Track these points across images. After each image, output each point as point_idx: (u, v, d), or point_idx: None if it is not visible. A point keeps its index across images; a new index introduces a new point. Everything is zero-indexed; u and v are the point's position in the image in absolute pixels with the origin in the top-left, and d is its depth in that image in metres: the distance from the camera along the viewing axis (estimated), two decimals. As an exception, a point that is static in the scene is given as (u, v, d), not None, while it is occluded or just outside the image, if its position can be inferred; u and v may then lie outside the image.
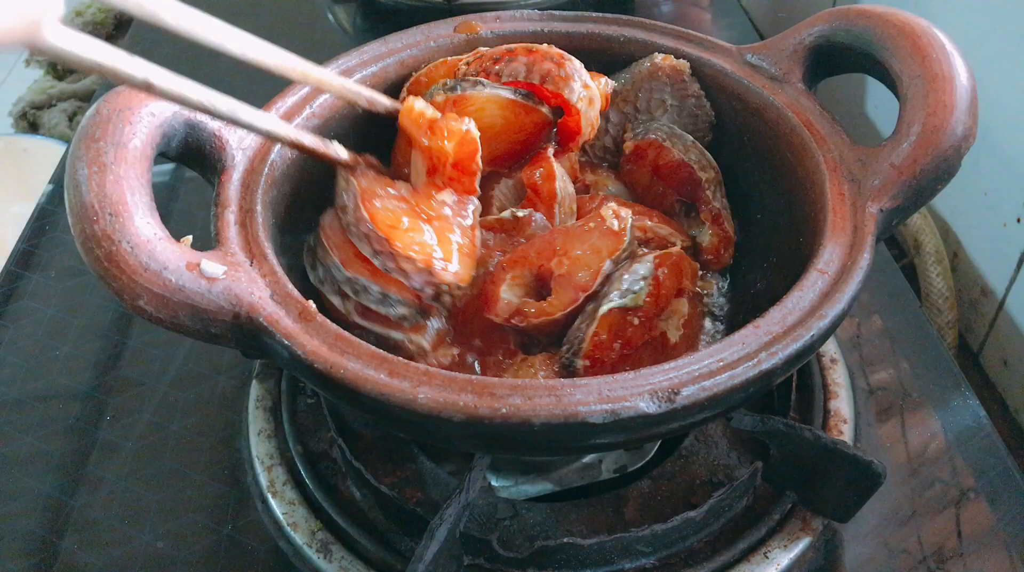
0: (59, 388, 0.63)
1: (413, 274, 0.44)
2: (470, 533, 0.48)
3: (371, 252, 0.45)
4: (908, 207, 0.46)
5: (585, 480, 0.55)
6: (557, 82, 0.51)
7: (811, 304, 0.41)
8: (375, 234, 0.44)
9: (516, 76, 0.51)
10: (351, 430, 0.56)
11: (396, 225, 0.45)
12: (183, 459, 0.58)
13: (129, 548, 0.53)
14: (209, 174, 0.47)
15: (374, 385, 0.37)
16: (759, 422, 0.49)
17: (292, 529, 0.53)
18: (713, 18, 1.08)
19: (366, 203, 0.45)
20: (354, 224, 0.45)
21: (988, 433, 0.58)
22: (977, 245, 0.78)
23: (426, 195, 0.48)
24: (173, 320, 0.39)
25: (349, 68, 0.56)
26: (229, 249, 0.42)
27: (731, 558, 0.50)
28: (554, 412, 0.36)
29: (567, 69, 0.51)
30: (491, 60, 0.52)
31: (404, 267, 0.44)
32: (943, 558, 0.51)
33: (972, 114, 0.45)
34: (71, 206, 0.38)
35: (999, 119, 0.73)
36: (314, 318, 0.40)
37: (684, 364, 0.39)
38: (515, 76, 0.51)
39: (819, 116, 0.51)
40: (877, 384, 0.61)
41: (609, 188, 0.58)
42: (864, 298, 0.67)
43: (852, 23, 0.50)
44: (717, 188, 0.55)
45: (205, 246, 0.42)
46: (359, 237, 0.45)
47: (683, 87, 0.57)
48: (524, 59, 0.51)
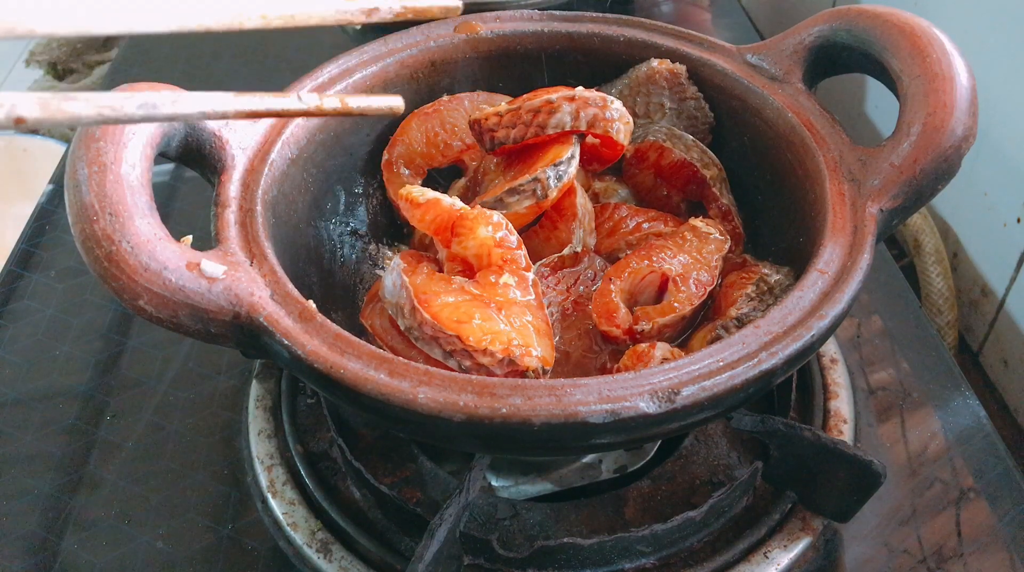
0: (59, 388, 0.63)
1: (494, 368, 0.42)
2: (470, 533, 0.48)
3: (443, 354, 0.42)
4: (908, 207, 0.46)
5: (585, 480, 0.55)
6: (605, 125, 0.51)
7: (811, 304, 0.41)
8: (443, 334, 0.42)
9: (563, 126, 0.51)
10: (351, 430, 0.56)
11: (464, 320, 0.43)
12: (183, 459, 0.58)
13: (129, 548, 0.53)
14: (209, 174, 0.47)
15: (374, 385, 0.37)
16: (759, 422, 0.49)
17: (292, 529, 0.52)
18: (713, 18, 1.08)
19: (424, 304, 0.43)
20: (416, 329, 0.43)
21: (988, 433, 0.58)
22: (977, 245, 0.78)
23: (488, 284, 0.46)
24: (173, 320, 0.39)
25: (349, 68, 0.56)
26: (229, 249, 0.42)
27: (731, 558, 0.50)
28: (554, 412, 0.36)
29: (611, 111, 0.51)
30: (530, 113, 0.51)
31: (483, 362, 0.42)
32: (943, 558, 0.51)
33: (972, 114, 0.45)
34: (71, 206, 0.38)
35: (999, 119, 0.73)
36: (314, 318, 0.40)
37: (684, 364, 0.39)
38: (562, 126, 0.51)
39: (819, 116, 0.51)
40: (877, 384, 0.61)
41: (619, 194, 0.58)
42: (864, 298, 0.67)
43: (852, 23, 0.50)
44: (723, 184, 0.55)
45: (205, 246, 0.42)
46: (426, 341, 0.43)
47: (681, 90, 0.57)
48: (568, 107, 0.50)
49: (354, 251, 0.57)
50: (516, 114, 0.51)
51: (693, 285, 0.49)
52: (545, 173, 0.49)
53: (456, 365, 0.42)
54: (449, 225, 0.48)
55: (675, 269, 0.50)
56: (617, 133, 0.51)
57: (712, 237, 0.52)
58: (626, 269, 0.50)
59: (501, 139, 0.52)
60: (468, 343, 0.42)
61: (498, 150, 0.53)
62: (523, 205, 0.50)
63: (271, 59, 0.98)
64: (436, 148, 0.58)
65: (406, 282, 0.44)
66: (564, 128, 0.51)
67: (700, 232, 0.52)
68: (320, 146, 0.53)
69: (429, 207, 0.48)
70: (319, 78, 0.55)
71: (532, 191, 0.50)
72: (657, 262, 0.50)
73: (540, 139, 0.52)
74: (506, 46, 0.60)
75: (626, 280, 0.50)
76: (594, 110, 0.50)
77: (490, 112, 0.52)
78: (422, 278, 0.46)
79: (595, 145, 0.53)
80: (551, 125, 0.51)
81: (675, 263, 0.50)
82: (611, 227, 0.55)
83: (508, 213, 0.50)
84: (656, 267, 0.50)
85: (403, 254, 0.50)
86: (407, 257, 0.49)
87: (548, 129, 0.51)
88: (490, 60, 0.60)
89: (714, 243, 0.51)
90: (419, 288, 0.44)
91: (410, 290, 0.44)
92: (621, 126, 0.51)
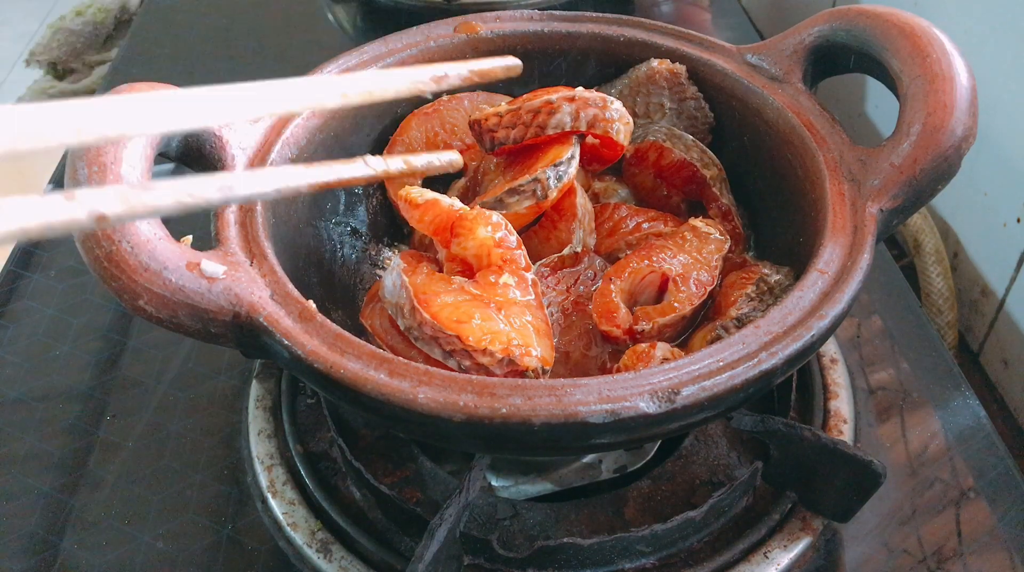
0: (59, 388, 0.63)
1: (493, 367, 0.42)
2: (470, 533, 0.48)
3: (442, 354, 0.42)
4: (908, 207, 0.46)
5: (585, 480, 0.55)
6: (605, 125, 0.51)
7: (811, 304, 0.41)
8: (443, 334, 0.42)
9: (563, 127, 0.51)
10: (351, 430, 0.56)
11: (464, 320, 0.43)
12: (183, 459, 0.58)
13: (129, 548, 0.53)
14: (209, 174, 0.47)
15: (374, 385, 0.37)
16: (759, 422, 0.49)
17: (292, 529, 0.52)
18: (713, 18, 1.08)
19: (424, 304, 0.43)
20: (416, 329, 0.43)
21: (988, 433, 0.58)
22: (977, 245, 0.78)
23: (487, 284, 0.46)
24: (173, 320, 0.39)
25: (349, 68, 0.56)
26: (229, 249, 0.42)
27: (731, 558, 0.50)
28: (554, 412, 0.36)
29: (611, 111, 0.51)
30: (530, 113, 0.51)
31: (482, 362, 0.41)
32: (943, 558, 0.51)
33: (972, 114, 0.45)
34: (71, 206, 0.38)
35: (999, 119, 0.73)
36: (314, 318, 0.40)
37: (684, 364, 0.39)
38: (561, 127, 0.51)
39: (819, 116, 0.51)
40: (877, 384, 0.61)
41: (619, 194, 0.58)
42: (864, 298, 0.67)
43: (852, 23, 0.50)
44: (723, 184, 0.55)
45: (205, 246, 0.42)
46: (426, 341, 0.43)
47: (681, 90, 0.57)
48: (568, 108, 0.50)
49: (354, 251, 0.57)
50: (516, 114, 0.51)
51: (693, 285, 0.49)
52: (545, 173, 0.49)
53: (456, 365, 0.42)
54: (448, 225, 0.48)
55: (675, 269, 0.50)
56: (617, 134, 0.51)
57: (712, 237, 0.52)
58: (626, 269, 0.50)
59: (501, 139, 0.52)
60: (468, 343, 0.42)
61: (498, 150, 0.53)
62: (523, 205, 0.50)
63: (271, 60, 0.98)
64: (436, 148, 0.58)
65: (406, 282, 0.44)
66: (564, 128, 0.51)
67: (700, 232, 0.52)
68: (320, 146, 0.53)
69: (428, 208, 0.48)
70: (319, 78, 0.55)
71: (532, 191, 0.50)
72: (657, 262, 0.50)
73: (540, 139, 0.52)
74: (506, 46, 0.60)
75: (626, 280, 0.50)
76: (594, 110, 0.50)
77: (490, 112, 0.52)
78: (422, 278, 0.46)
79: (595, 145, 0.53)
80: (551, 125, 0.51)
81: (675, 263, 0.50)
82: (611, 227, 0.55)
83: (508, 213, 0.50)
84: (656, 267, 0.50)
85: (403, 254, 0.50)
86: (407, 257, 0.49)
87: (548, 129, 0.51)
88: (490, 60, 0.60)
89: (714, 243, 0.51)
90: (419, 288, 0.44)
91: (410, 290, 0.44)
92: (621, 126, 0.51)
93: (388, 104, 0.58)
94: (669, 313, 0.48)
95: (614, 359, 0.48)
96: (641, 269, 0.50)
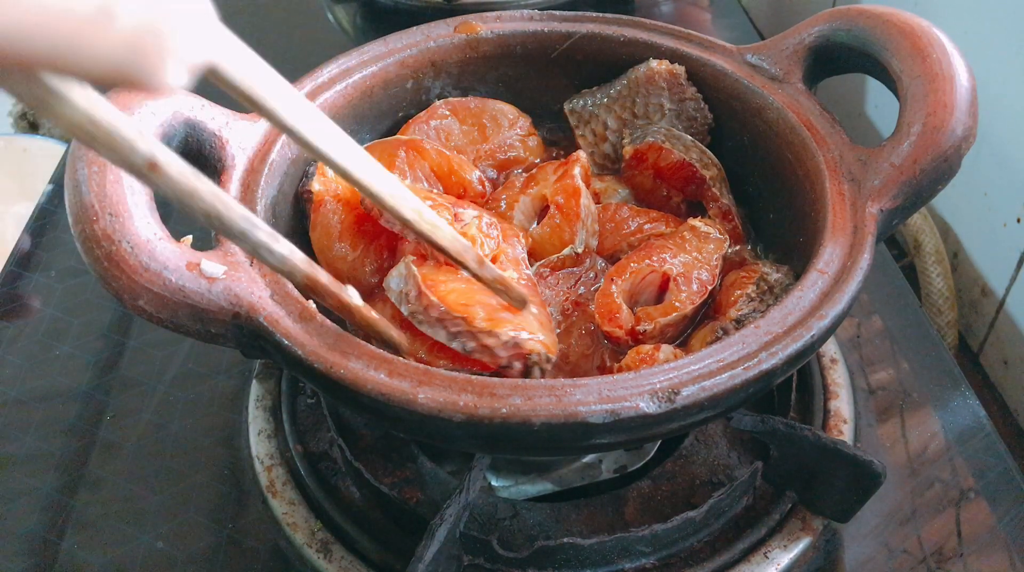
0: (59, 388, 0.63)
1: (498, 349, 0.41)
2: (470, 533, 0.48)
3: (447, 336, 0.42)
4: (908, 207, 0.46)
5: (585, 480, 0.55)
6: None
7: (811, 304, 0.41)
8: (450, 316, 0.42)
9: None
10: (351, 430, 0.56)
11: (471, 303, 0.43)
12: (183, 459, 0.58)
13: (129, 548, 0.53)
14: (209, 174, 0.47)
15: (374, 385, 0.37)
16: (759, 422, 0.49)
17: (292, 529, 0.52)
18: (713, 18, 1.08)
19: (432, 289, 0.43)
20: (421, 312, 0.43)
21: (988, 433, 0.58)
22: (977, 245, 0.78)
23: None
24: (173, 320, 0.39)
25: (349, 68, 0.56)
26: (229, 249, 0.42)
27: (731, 558, 0.50)
28: (554, 412, 0.36)
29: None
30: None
31: (487, 343, 0.41)
32: (943, 558, 0.51)
33: (972, 114, 0.45)
34: (71, 206, 0.38)
35: (999, 119, 0.73)
36: (314, 318, 0.40)
37: (684, 364, 0.39)
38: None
39: (819, 116, 0.51)
40: (877, 384, 0.61)
41: (619, 193, 0.58)
42: (864, 298, 0.67)
43: (852, 23, 0.50)
44: (722, 185, 0.55)
45: (205, 246, 0.42)
46: (431, 324, 0.42)
47: (680, 90, 0.57)
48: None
49: (354, 251, 0.57)
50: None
51: (694, 285, 0.49)
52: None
53: (460, 347, 0.42)
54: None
55: (676, 269, 0.50)
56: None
57: (712, 237, 0.52)
58: (627, 269, 0.50)
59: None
60: (473, 324, 0.41)
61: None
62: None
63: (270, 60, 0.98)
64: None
65: (413, 270, 0.44)
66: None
67: (700, 232, 0.52)
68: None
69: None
70: (319, 78, 0.55)
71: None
72: (658, 262, 0.50)
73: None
74: (506, 46, 0.60)
75: (627, 280, 0.50)
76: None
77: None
78: (428, 268, 0.46)
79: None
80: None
81: (676, 263, 0.50)
82: (613, 228, 0.55)
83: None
84: (657, 267, 0.50)
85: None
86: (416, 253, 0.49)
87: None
88: (490, 60, 0.60)
89: (714, 243, 0.51)
90: (426, 276, 0.45)
91: (417, 277, 0.44)
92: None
93: (389, 105, 0.59)
94: (671, 313, 0.48)
95: (614, 359, 0.48)
96: (642, 269, 0.50)
